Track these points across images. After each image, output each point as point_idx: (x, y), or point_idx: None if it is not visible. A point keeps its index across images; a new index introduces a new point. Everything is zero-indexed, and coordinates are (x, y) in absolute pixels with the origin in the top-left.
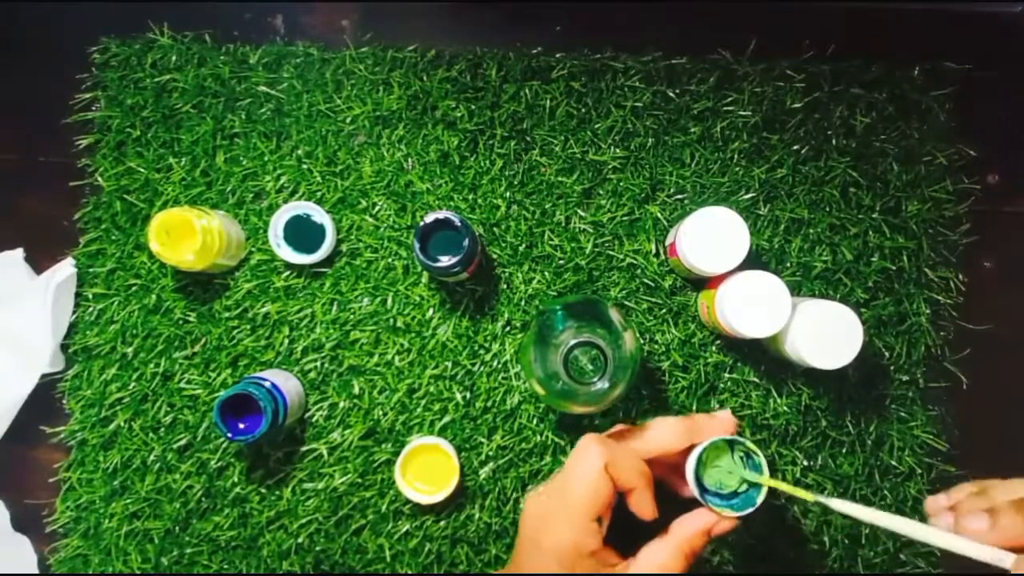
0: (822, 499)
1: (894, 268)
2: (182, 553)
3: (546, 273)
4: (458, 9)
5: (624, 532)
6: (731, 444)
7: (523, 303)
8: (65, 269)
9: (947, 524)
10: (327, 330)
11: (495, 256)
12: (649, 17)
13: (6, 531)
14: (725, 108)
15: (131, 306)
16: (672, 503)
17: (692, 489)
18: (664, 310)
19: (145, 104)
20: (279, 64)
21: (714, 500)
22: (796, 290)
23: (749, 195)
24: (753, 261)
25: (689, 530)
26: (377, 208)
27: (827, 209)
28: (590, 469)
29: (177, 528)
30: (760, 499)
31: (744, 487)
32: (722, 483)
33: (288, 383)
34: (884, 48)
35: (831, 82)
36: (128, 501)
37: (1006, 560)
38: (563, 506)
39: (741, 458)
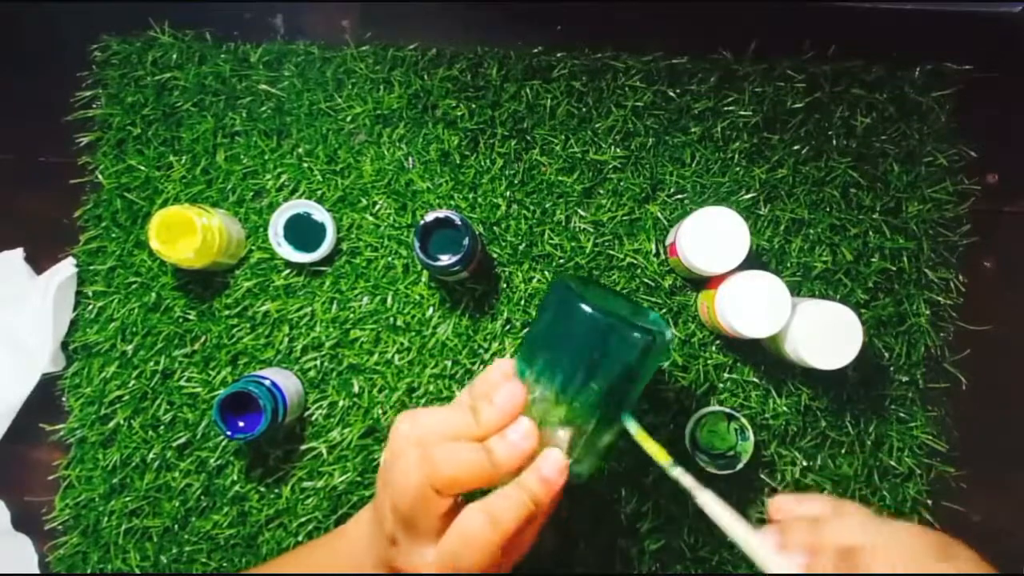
0: (677, 473)
1: (894, 269)
2: (181, 551)
3: (546, 272)
4: (459, 8)
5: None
6: (728, 416)
7: (523, 302)
8: (65, 269)
9: (774, 542)
10: (327, 329)
11: (495, 255)
12: (650, 17)
13: (7, 531)
14: (726, 108)
15: (131, 304)
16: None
17: (687, 444)
18: (664, 310)
19: (146, 102)
20: (280, 62)
21: (703, 457)
22: (796, 290)
23: (749, 195)
24: (753, 261)
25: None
26: (377, 207)
27: (827, 209)
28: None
29: (176, 526)
30: (740, 466)
31: (731, 452)
32: (713, 444)
33: (288, 381)
34: (885, 49)
35: (832, 82)
36: (127, 499)
37: None
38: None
39: (736, 429)
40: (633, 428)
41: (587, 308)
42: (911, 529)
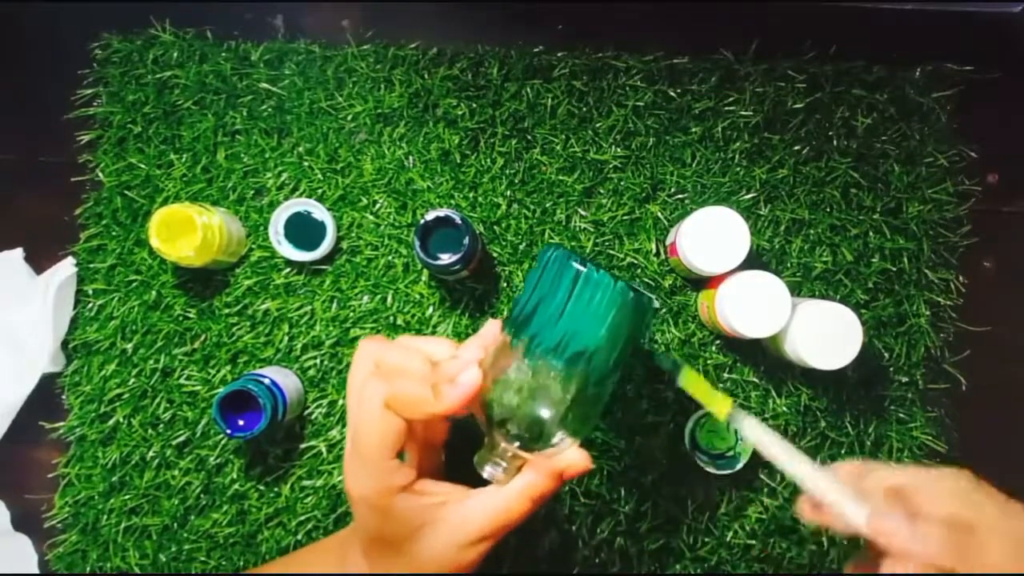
0: (739, 414)
1: (894, 269)
2: (180, 549)
3: None
4: (460, 8)
5: None
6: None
7: None
8: (65, 269)
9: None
10: (327, 327)
11: (495, 254)
12: (650, 17)
13: (6, 531)
14: (726, 108)
15: (131, 302)
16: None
17: (686, 444)
18: (664, 310)
19: (146, 100)
20: (280, 61)
21: (702, 457)
22: (796, 291)
23: (750, 195)
24: (753, 261)
25: (544, 468)
26: (378, 206)
27: (828, 210)
28: (370, 413)
29: (175, 524)
30: (739, 466)
31: (730, 452)
32: (712, 444)
33: (287, 380)
34: (886, 49)
35: (832, 83)
36: (127, 497)
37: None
38: (355, 454)
39: (735, 429)
40: (682, 374)
41: (576, 264)
42: (943, 469)
